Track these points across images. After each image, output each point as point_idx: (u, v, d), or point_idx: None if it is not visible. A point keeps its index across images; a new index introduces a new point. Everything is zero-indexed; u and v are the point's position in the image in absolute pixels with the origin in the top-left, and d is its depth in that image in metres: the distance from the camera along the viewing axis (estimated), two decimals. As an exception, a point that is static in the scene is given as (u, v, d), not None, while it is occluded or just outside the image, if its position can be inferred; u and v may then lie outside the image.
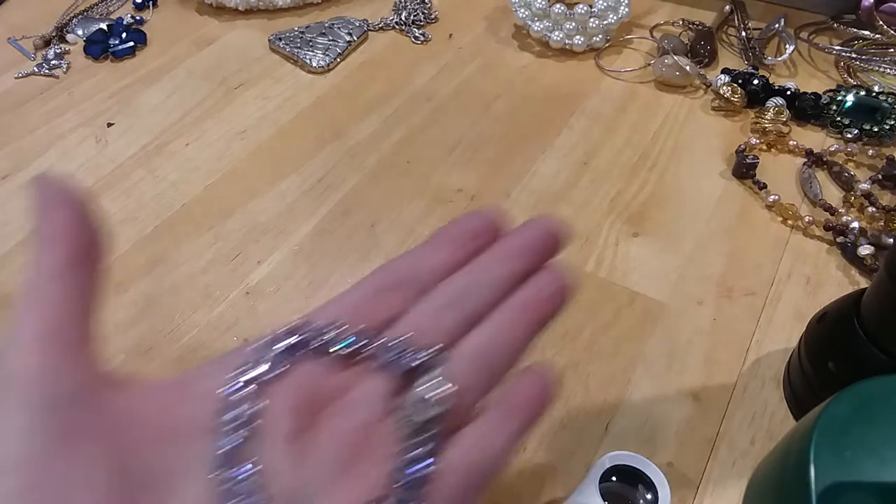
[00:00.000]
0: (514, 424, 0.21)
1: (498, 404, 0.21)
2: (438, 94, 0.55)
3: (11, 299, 0.42)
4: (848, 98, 0.50)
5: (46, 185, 0.19)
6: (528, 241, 0.23)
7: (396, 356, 0.20)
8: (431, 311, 0.22)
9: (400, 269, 0.23)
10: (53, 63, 0.58)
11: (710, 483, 0.33)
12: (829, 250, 0.43)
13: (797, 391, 0.36)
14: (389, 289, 0.22)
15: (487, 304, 0.22)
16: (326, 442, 0.19)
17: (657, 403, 0.36)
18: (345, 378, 0.20)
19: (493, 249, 0.23)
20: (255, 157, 0.51)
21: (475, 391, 0.21)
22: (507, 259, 0.23)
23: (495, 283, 0.22)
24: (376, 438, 0.19)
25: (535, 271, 0.23)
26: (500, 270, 0.23)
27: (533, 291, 0.23)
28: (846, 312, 0.34)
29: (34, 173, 0.49)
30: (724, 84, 0.53)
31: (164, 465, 0.18)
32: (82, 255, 0.19)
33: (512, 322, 0.22)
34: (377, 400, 0.20)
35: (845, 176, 0.47)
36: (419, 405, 0.19)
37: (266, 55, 0.59)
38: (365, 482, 0.18)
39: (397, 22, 0.62)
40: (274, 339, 0.20)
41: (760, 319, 0.40)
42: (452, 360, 0.21)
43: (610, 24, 0.57)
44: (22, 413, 0.16)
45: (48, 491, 0.16)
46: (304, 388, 0.19)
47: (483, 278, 0.22)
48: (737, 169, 0.48)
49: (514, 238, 0.23)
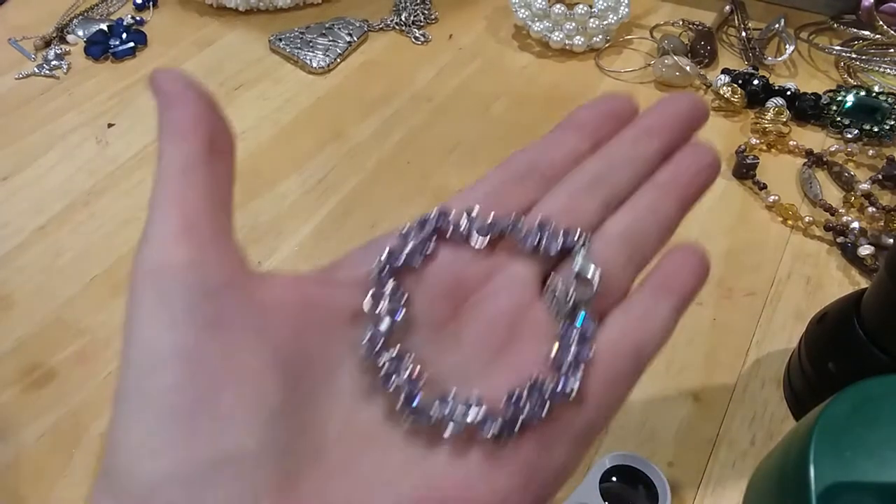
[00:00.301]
0: (671, 300, 0.20)
1: (650, 282, 0.20)
2: (438, 95, 0.55)
3: (13, 298, 0.42)
4: (848, 98, 0.50)
5: (167, 78, 0.19)
6: (667, 117, 0.22)
7: (538, 241, 0.19)
8: (569, 195, 0.20)
9: (528, 158, 0.22)
10: (54, 64, 0.58)
11: (710, 483, 0.33)
12: (830, 250, 0.43)
13: (797, 391, 0.36)
14: (519, 179, 0.21)
15: (628, 186, 0.21)
16: (477, 327, 0.19)
17: (657, 404, 0.36)
18: (488, 265, 0.20)
19: (629, 129, 0.22)
20: (256, 157, 0.51)
21: (624, 272, 0.20)
22: (645, 138, 0.21)
23: (635, 164, 0.21)
24: (528, 322, 0.19)
25: (677, 149, 0.21)
26: (638, 150, 0.21)
27: (678, 168, 0.21)
28: (846, 313, 0.34)
29: (35, 174, 0.50)
30: (725, 84, 0.53)
31: (318, 352, 0.17)
32: (213, 147, 0.18)
33: (658, 200, 0.21)
34: (524, 285, 0.19)
35: (845, 176, 0.47)
36: (567, 288, 0.19)
37: (266, 56, 0.59)
38: (520, 364, 0.18)
39: (397, 22, 0.62)
40: (415, 227, 0.19)
41: (760, 320, 0.40)
42: (597, 242, 0.20)
43: (610, 24, 0.57)
44: (172, 305, 0.16)
45: (205, 383, 0.15)
46: (450, 275, 0.19)
47: (621, 159, 0.21)
48: (737, 169, 0.48)
49: (650, 116, 0.22)
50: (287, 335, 0.17)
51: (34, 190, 0.49)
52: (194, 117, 0.18)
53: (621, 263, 0.20)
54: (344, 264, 0.19)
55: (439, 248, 0.19)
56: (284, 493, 0.15)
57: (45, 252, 0.45)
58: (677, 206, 0.21)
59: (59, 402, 0.37)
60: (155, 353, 0.16)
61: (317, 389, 0.17)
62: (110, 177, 0.50)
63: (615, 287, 0.20)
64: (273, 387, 0.16)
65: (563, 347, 0.18)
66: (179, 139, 0.18)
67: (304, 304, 0.18)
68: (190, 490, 0.15)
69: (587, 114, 0.22)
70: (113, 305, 0.41)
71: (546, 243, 0.19)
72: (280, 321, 0.17)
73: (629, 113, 0.22)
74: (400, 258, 0.19)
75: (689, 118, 0.22)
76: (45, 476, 0.35)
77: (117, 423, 0.15)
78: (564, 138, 0.22)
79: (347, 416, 0.17)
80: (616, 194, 0.21)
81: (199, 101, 0.18)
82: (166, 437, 0.15)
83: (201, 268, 0.16)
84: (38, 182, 0.49)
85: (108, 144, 0.52)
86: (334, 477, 0.16)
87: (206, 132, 0.18)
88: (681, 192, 0.21)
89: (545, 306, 0.19)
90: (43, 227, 0.46)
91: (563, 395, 0.18)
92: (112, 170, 0.50)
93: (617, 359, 0.19)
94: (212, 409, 0.15)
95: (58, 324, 0.41)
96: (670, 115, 0.22)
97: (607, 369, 0.19)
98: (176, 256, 0.16)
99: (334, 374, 0.17)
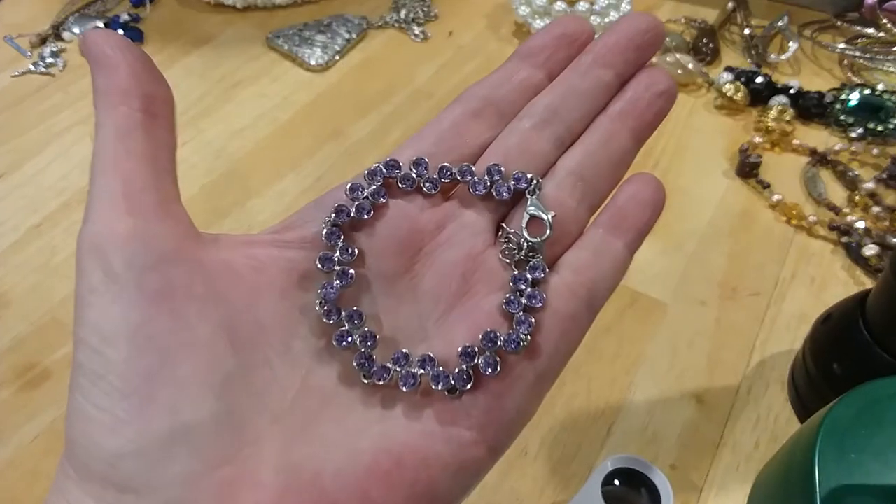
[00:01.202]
0: (624, 237, 0.20)
1: (603, 219, 0.20)
2: (438, 93, 0.55)
3: (8, 297, 0.42)
4: (852, 97, 0.50)
5: (99, 40, 0.18)
6: (620, 42, 0.21)
7: (489, 186, 0.19)
8: (520, 134, 0.20)
9: (481, 94, 0.21)
10: (50, 61, 0.58)
11: (713, 486, 0.33)
12: (834, 250, 0.43)
13: (802, 393, 0.35)
14: (472, 116, 0.20)
15: (581, 119, 0.20)
16: (431, 279, 0.19)
17: (660, 406, 0.36)
18: (440, 213, 0.19)
19: (582, 58, 0.21)
20: (254, 155, 0.50)
21: (576, 212, 0.20)
22: (597, 66, 0.20)
23: (588, 94, 0.20)
24: (482, 270, 0.19)
25: (633, 76, 0.21)
26: (591, 80, 0.20)
27: (632, 97, 0.20)
28: (851, 313, 0.33)
29: (30, 172, 0.49)
30: (728, 82, 0.52)
31: (270, 316, 0.17)
32: (149, 110, 0.17)
33: (611, 133, 0.20)
34: (476, 232, 0.19)
35: (850, 175, 0.47)
36: (520, 233, 0.19)
37: (264, 53, 0.59)
38: (477, 314, 0.18)
39: (396, 19, 0.61)
40: (365, 179, 0.19)
41: (764, 320, 0.39)
42: (549, 182, 0.19)
43: (611, 21, 0.57)
44: (117, 280, 0.15)
45: (154, 355, 0.15)
46: (402, 227, 0.19)
47: (573, 91, 0.20)
48: (740, 168, 0.48)
49: (602, 42, 0.21)
50: (238, 301, 0.17)
51: (30, 188, 0.48)
52: (128, 81, 0.17)
53: (574, 203, 0.20)
54: (295, 223, 0.19)
55: (390, 200, 0.19)
56: (244, 458, 0.15)
57: (40, 251, 0.44)
58: (632, 138, 0.20)
59: (54, 402, 0.37)
60: (103, 329, 0.15)
61: (271, 354, 0.17)
62: (107, 175, 0.49)
63: (568, 228, 0.20)
64: (225, 355, 0.16)
65: (512, 299, 0.18)
66: (114, 105, 0.17)
67: (254, 267, 0.17)
68: (149, 462, 0.15)
69: (540, 41, 0.22)
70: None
71: (497, 189, 0.19)
72: (230, 287, 0.17)
73: (585, 37, 0.21)
74: (349, 213, 0.18)
75: (644, 41, 0.21)
76: (41, 477, 0.34)
77: (74, 401, 0.16)
78: (518, 69, 0.21)
79: (304, 379, 0.17)
80: (569, 128, 0.20)
81: (134, 63, 0.18)
82: (121, 412, 0.15)
83: (145, 237, 0.16)
84: (33, 180, 0.49)
85: (105, 142, 0.52)
86: (294, 439, 0.16)
87: (140, 95, 0.17)
88: (635, 123, 0.20)
89: (499, 253, 0.19)
90: (38, 225, 0.46)
91: (515, 347, 0.18)
92: (108, 168, 0.50)
93: (570, 303, 0.19)
94: (164, 381, 0.15)
95: (53, 323, 0.40)
96: (623, 40, 0.21)
97: (559, 315, 0.19)
98: (118, 227, 0.16)
99: (288, 338, 0.17)
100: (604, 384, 0.37)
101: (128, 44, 0.18)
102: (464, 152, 0.20)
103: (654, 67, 0.21)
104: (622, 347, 0.38)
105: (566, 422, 0.35)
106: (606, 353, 0.38)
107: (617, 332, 0.39)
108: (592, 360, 0.38)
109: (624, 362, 0.38)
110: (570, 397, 0.36)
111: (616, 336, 0.39)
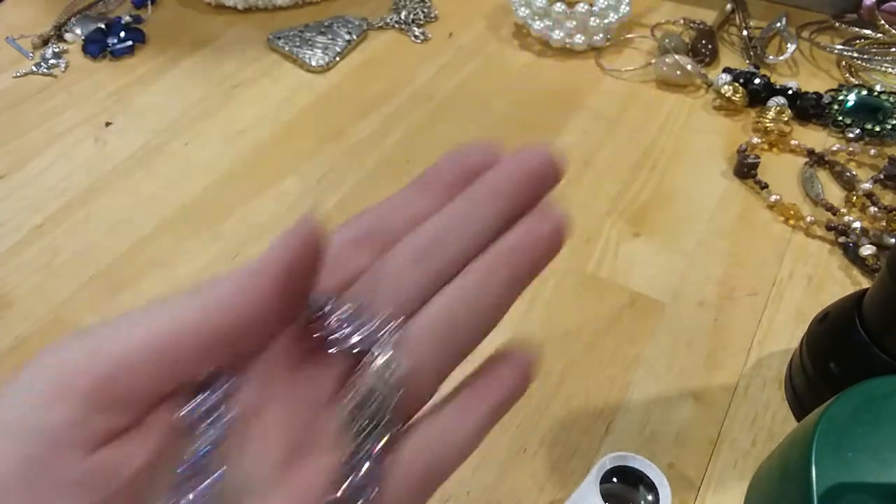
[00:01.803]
0: (480, 413, 0.18)
1: (465, 387, 0.18)
2: (438, 94, 0.55)
3: (10, 298, 0.42)
4: (850, 97, 0.50)
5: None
6: (515, 175, 0.19)
7: (344, 331, 0.17)
8: (395, 268, 0.18)
9: (369, 221, 0.19)
10: (52, 62, 0.58)
11: (711, 484, 0.33)
12: (831, 250, 0.43)
13: (799, 392, 0.35)
14: (355, 244, 0.18)
15: (465, 255, 0.18)
16: (267, 439, 0.16)
17: (658, 404, 0.36)
18: (290, 361, 0.17)
19: (473, 188, 0.19)
20: (255, 156, 0.51)
21: (438, 366, 0.18)
22: (487, 199, 0.18)
23: (472, 230, 0.18)
24: (321, 433, 0.17)
25: (525, 212, 0.19)
26: (478, 214, 0.18)
27: (517, 238, 0.18)
28: (848, 313, 0.33)
29: (32, 173, 0.49)
30: (726, 83, 0.52)
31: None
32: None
33: (487, 276, 0.18)
34: (322, 386, 0.17)
35: (847, 176, 0.47)
36: (368, 391, 0.17)
37: (265, 54, 0.59)
38: (305, 483, 0.16)
39: (397, 21, 0.62)
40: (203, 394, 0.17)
41: (762, 320, 0.40)
42: (411, 330, 0.17)
43: (610, 22, 0.57)
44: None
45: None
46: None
47: (460, 223, 0.18)
48: (738, 169, 0.48)
49: (497, 173, 0.19)
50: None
51: (32, 189, 0.49)
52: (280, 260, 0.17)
53: (435, 357, 0.17)
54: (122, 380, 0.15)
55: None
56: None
57: (42, 251, 0.45)
58: (509, 284, 0.18)
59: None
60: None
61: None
62: (108, 176, 0.49)
63: (426, 383, 0.18)
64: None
65: (352, 463, 0.16)
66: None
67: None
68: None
69: (444, 167, 0.20)
70: (111, 305, 0.41)
71: (351, 335, 0.17)
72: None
73: (489, 166, 0.19)
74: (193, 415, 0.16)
75: (541, 177, 0.19)
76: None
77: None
78: (414, 197, 0.19)
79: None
80: (451, 263, 0.18)
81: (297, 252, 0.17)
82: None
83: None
84: (35, 181, 0.49)
85: (106, 143, 0.52)
86: None
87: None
88: (514, 269, 0.18)
89: (343, 413, 0.17)
90: (41, 225, 0.46)
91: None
92: (110, 168, 0.50)
93: (413, 474, 0.17)
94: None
95: (55, 323, 0.41)
96: (520, 173, 0.19)
97: (401, 485, 0.17)
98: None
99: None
100: (602, 383, 0.37)
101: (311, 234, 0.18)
102: (336, 282, 0.18)
103: (545, 208, 0.19)
104: (621, 347, 0.39)
105: (565, 420, 0.36)
106: (605, 353, 0.38)
107: (616, 331, 0.39)
108: (591, 359, 0.38)
109: (622, 361, 0.38)
110: (569, 396, 0.37)
111: (615, 335, 0.39)
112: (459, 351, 0.18)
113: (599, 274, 0.42)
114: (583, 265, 0.43)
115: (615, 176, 0.48)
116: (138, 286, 0.42)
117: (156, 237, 0.45)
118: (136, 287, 0.42)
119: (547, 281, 0.42)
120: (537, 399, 0.36)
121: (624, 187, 0.47)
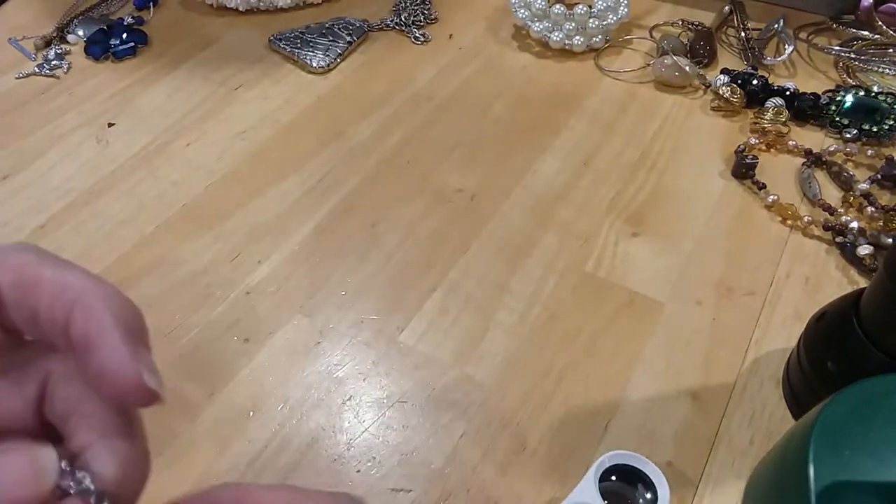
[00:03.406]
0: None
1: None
2: (438, 95, 0.55)
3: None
4: (847, 98, 0.50)
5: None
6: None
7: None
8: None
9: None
10: (54, 63, 0.58)
11: (709, 482, 0.34)
12: (829, 250, 0.43)
13: (796, 391, 0.36)
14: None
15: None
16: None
17: (656, 403, 0.36)
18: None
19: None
20: (256, 157, 0.51)
21: None
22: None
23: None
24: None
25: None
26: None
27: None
28: (845, 312, 0.34)
29: (35, 173, 0.50)
30: (724, 84, 0.53)
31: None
32: None
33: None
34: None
35: (844, 176, 0.47)
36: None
37: (266, 55, 0.59)
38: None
39: (397, 22, 0.62)
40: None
41: (760, 319, 0.40)
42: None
43: (609, 24, 0.58)
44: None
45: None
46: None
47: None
48: (736, 169, 0.48)
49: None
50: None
51: (34, 189, 0.49)
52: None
53: None
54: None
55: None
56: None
57: (45, 251, 0.45)
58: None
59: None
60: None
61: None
62: (110, 176, 0.50)
63: None
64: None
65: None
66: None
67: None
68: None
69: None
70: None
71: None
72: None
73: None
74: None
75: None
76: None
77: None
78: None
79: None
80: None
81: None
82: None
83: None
84: (38, 181, 0.49)
85: (108, 144, 0.52)
86: None
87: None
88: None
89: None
90: (43, 226, 0.46)
91: None
92: (112, 169, 0.50)
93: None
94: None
95: (58, 323, 0.41)
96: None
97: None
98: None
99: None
100: (601, 382, 0.37)
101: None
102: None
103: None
104: (619, 346, 0.39)
105: (564, 419, 0.36)
106: (604, 352, 0.39)
107: (614, 331, 0.40)
108: (590, 358, 0.38)
109: (621, 360, 0.38)
110: (568, 395, 0.37)
111: (613, 335, 0.39)
112: None
113: (598, 274, 0.42)
114: (581, 265, 0.43)
115: (614, 176, 0.48)
116: (139, 286, 0.42)
117: (157, 237, 0.45)
118: (139, 286, 0.42)
119: (546, 281, 0.42)
120: (536, 398, 0.37)
121: (622, 188, 0.48)
